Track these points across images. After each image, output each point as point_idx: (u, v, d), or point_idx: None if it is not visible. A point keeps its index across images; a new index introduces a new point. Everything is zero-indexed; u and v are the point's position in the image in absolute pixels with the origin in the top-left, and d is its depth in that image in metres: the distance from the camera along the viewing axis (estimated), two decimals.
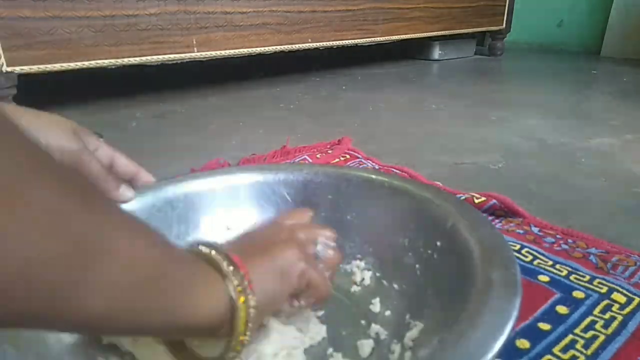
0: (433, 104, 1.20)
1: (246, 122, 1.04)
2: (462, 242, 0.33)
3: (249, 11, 1.18)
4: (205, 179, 0.46)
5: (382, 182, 0.43)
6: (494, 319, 0.25)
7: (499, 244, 0.31)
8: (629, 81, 1.48)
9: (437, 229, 0.36)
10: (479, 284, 0.28)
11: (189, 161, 0.74)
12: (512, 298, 0.26)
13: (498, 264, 0.29)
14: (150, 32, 1.03)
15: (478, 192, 0.59)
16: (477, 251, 0.31)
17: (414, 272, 0.37)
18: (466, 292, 0.28)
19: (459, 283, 0.30)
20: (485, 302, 0.26)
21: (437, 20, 1.71)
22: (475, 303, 0.26)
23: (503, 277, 0.28)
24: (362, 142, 0.86)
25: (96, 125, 1.00)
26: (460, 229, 0.34)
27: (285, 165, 0.49)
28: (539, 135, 0.91)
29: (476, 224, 0.34)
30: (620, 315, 0.38)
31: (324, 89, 1.39)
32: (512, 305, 0.25)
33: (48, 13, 0.88)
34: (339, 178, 0.45)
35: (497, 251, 0.30)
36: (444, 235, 0.35)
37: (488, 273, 0.28)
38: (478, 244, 0.31)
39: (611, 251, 0.47)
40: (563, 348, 0.35)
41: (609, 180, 0.69)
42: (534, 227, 0.52)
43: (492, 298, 0.26)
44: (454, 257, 0.33)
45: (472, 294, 0.27)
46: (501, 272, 0.28)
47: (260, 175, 0.46)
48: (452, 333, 0.25)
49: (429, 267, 0.36)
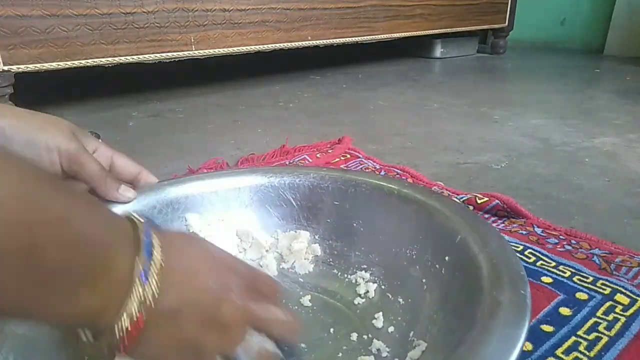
0: (435, 102, 1.19)
1: (245, 121, 1.03)
2: (472, 258, 0.31)
3: (247, 8, 1.17)
4: (208, 181, 0.45)
5: (392, 189, 0.42)
6: (500, 346, 0.23)
7: (509, 261, 0.30)
8: (632, 80, 1.47)
9: (446, 242, 0.35)
10: (486, 307, 0.26)
11: (187, 160, 0.74)
12: (520, 323, 0.24)
13: (507, 284, 0.27)
14: (147, 30, 1.02)
15: (481, 192, 0.58)
16: (486, 269, 0.30)
17: (420, 287, 0.35)
18: (472, 314, 0.27)
19: (465, 302, 0.29)
20: (492, 328, 0.24)
21: (439, 17, 1.70)
22: (481, 328, 0.25)
23: (512, 300, 0.26)
24: (363, 141, 0.85)
25: (93, 124, 1.00)
26: (469, 243, 0.33)
27: (291, 169, 0.48)
28: (542, 135, 0.90)
29: (487, 239, 0.33)
30: (624, 317, 0.37)
31: (324, 88, 1.39)
32: (519, 332, 0.24)
33: (45, 11, 0.88)
34: (347, 183, 0.44)
35: (507, 270, 0.29)
36: (452, 250, 0.34)
37: (496, 294, 0.27)
38: (488, 261, 0.30)
39: (615, 252, 0.46)
40: (566, 350, 0.34)
41: (612, 180, 0.68)
42: (537, 227, 0.52)
43: (498, 323, 0.25)
44: (462, 274, 0.32)
45: (479, 317, 0.26)
46: (510, 293, 0.27)
47: (265, 178, 0.45)
48: (456, 356, 0.24)
49: (436, 282, 0.34)
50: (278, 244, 0.44)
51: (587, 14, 2.17)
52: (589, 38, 2.17)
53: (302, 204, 0.45)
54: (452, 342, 0.27)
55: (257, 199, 0.45)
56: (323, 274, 0.42)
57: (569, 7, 2.21)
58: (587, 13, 2.16)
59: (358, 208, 0.42)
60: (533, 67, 1.79)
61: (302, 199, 0.45)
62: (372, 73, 1.64)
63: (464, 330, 0.26)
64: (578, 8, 2.18)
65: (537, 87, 1.43)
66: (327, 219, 0.43)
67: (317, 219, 0.44)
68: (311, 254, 0.44)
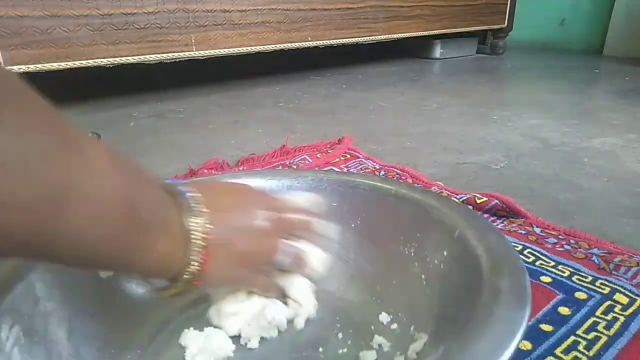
0: (434, 103, 1.19)
1: (245, 121, 1.03)
2: (470, 251, 0.32)
3: (248, 9, 1.17)
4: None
5: (389, 189, 0.42)
6: (503, 328, 0.24)
7: (507, 253, 0.30)
8: (632, 80, 1.47)
9: (444, 238, 0.35)
10: (487, 293, 0.27)
11: (187, 161, 0.74)
12: (521, 306, 0.25)
13: (507, 273, 0.28)
14: (148, 31, 1.03)
15: (480, 192, 0.59)
16: (485, 260, 0.30)
17: (420, 282, 0.36)
18: (473, 302, 0.27)
19: (466, 293, 0.29)
20: (493, 311, 0.25)
21: (438, 18, 1.70)
22: (482, 312, 0.25)
23: (512, 286, 0.27)
24: (363, 141, 0.85)
25: (94, 124, 1.00)
26: (468, 238, 0.33)
27: (289, 172, 0.48)
28: (541, 135, 0.90)
29: (484, 233, 0.33)
30: (623, 317, 0.37)
31: (324, 88, 1.39)
32: (521, 314, 0.24)
33: (46, 12, 0.88)
34: (344, 185, 0.44)
35: (505, 260, 0.30)
36: (451, 245, 0.34)
37: (496, 282, 0.27)
38: (486, 253, 0.31)
39: (614, 252, 0.47)
40: (565, 349, 0.34)
41: (611, 180, 0.68)
42: (536, 227, 0.52)
43: (500, 307, 0.25)
44: (462, 267, 0.32)
45: (480, 303, 0.26)
46: (510, 281, 0.27)
47: (264, 181, 0.46)
48: (458, 342, 0.24)
49: (435, 276, 0.35)
50: None
51: (586, 14, 2.17)
52: (588, 38, 2.17)
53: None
54: (454, 331, 0.27)
55: None
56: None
57: (568, 8, 2.21)
58: (586, 14, 2.17)
59: (356, 208, 0.43)
60: (532, 68, 1.80)
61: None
62: (371, 73, 1.64)
63: (466, 317, 0.26)
64: (577, 8, 2.19)
65: (536, 87, 1.44)
66: (325, 220, 0.43)
67: None
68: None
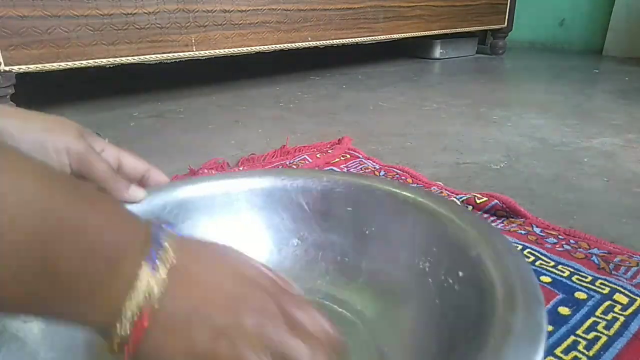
0: (434, 103, 1.19)
1: (245, 121, 1.03)
2: (486, 275, 0.30)
3: (248, 9, 1.17)
4: (219, 182, 0.44)
5: (406, 197, 0.40)
6: None
7: (525, 279, 0.28)
8: (631, 80, 1.47)
9: (461, 257, 0.33)
10: (497, 331, 0.25)
11: (188, 161, 0.74)
12: (533, 350, 0.23)
13: (521, 306, 0.26)
14: (148, 31, 1.03)
15: (480, 192, 0.59)
16: (500, 288, 0.28)
17: (432, 300, 0.34)
18: (482, 338, 0.25)
19: (476, 323, 0.28)
20: (500, 356, 0.23)
21: (438, 18, 1.70)
22: (489, 354, 0.23)
23: (525, 324, 0.24)
24: (363, 141, 0.85)
25: (94, 124, 1.00)
26: (485, 259, 0.31)
27: (304, 171, 0.46)
28: (541, 135, 0.90)
29: (503, 255, 0.31)
30: (623, 316, 0.37)
31: (324, 88, 1.39)
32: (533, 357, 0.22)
33: (46, 12, 0.88)
34: (361, 189, 0.42)
35: (522, 289, 0.27)
36: (467, 265, 0.32)
37: (509, 317, 0.25)
38: (502, 279, 0.28)
39: (613, 252, 0.47)
40: (565, 349, 0.34)
41: (611, 180, 0.68)
42: (536, 227, 0.52)
43: (510, 350, 0.23)
44: (476, 291, 0.30)
45: (489, 342, 0.24)
46: (524, 316, 0.25)
47: (279, 180, 0.44)
48: None
49: (447, 298, 0.33)
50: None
51: (586, 14, 2.17)
52: (588, 39, 2.17)
53: (314, 209, 0.43)
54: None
55: (269, 201, 0.44)
56: (332, 281, 0.41)
57: (567, 8, 2.21)
58: (586, 14, 2.17)
59: (371, 215, 0.41)
60: (532, 68, 1.80)
61: (314, 204, 0.43)
62: (371, 74, 1.64)
63: (472, 355, 0.25)
64: (577, 9, 2.19)
65: (536, 87, 1.44)
66: (338, 224, 0.42)
67: (329, 224, 0.43)
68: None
